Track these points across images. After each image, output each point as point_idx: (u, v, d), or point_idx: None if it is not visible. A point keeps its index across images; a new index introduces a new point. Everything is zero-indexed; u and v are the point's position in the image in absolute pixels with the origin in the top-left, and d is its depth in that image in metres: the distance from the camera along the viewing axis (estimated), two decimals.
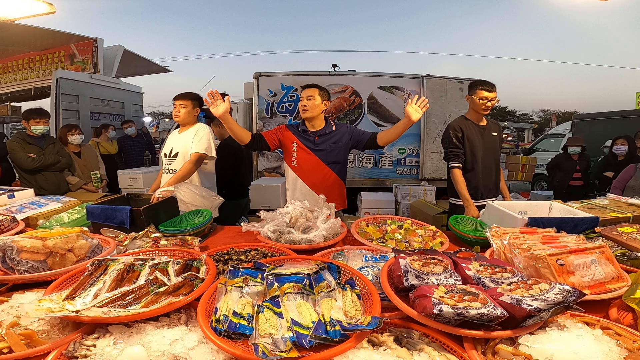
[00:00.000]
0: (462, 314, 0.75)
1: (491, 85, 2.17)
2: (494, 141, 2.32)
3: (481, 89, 2.16)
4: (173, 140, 2.47)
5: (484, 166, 2.25)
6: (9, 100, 6.58)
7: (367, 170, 4.84)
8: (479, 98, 2.16)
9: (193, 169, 2.27)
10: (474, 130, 2.25)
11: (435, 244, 1.48)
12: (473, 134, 2.24)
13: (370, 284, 0.96)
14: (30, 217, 1.74)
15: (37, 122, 3.07)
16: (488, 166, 2.28)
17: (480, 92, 2.16)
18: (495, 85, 2.19)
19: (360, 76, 4.81)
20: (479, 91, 2.16)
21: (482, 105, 2.16)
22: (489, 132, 2.30)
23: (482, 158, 2.25)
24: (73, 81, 5.09)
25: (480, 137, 2.26)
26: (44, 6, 2.91)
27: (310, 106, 2.03)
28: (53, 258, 1.13)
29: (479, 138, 2.25)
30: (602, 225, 1.49)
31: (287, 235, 1.46)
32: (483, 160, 2.25)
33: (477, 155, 2.23)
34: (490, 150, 2.29)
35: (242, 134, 2.04)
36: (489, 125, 2.32)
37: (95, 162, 3.77)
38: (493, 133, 2.32)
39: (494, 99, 2.17)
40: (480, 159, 2.24)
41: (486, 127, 2.30)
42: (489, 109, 2.19)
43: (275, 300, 0.86)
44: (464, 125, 2.24)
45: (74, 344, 0.76)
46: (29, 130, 3.08)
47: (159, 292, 0.91)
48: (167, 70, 8.02)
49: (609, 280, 1.04)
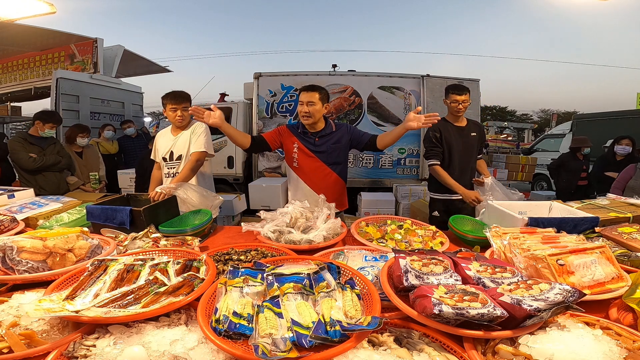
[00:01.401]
0: (462, 314, 0.75)
1: (461, 89, 2.35)
2: (472, 140, 2.47)
3: (453, 92, 2.35)
4: (168, 143, 2.35)
5: (460, 163, 2.42)
6: (9, 100, 6.58)
7: (367, 170, 4.85)
8: (450, 101, 2.37)
9: (195, 169, 2.22)
10: (452, 131, 2.41)
11: (435, 244, 1.48)
12: (450, 134, 2.40)
13: (370, 284, 0.96)
14: (30, 217, 1.74)
15: (52, 127, 3.14)
16: (464, 163, 2.44)
17: (452, 96, 2.35)
18: (466, 89, 2.36)
19: (360, 76, 4.82)
20: (451, 95, 2.35)
21: (454, 107, 2.36)
22: (467, 132, 2.46)
23: (459, 156, 2.41)
24: (73, 81, 5.10)
25: (459, 136, 2.42)
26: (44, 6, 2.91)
27: (312, 112, 2.01)
28: (53, 258, 1.13)
29: (456, 138, 2.41)
30: (602, 225, 1.49)
31: (287, 236, 1.46)
32: (460, 158, 2.41)
33: (453, 154, 2.40)
34: (468, 149, 2.45)
35: (241, 139, 2.03)
36: (468, 126, 2.48)
37: (97, 163, 3.77)
38: (472, 133, 2.48)
39: (465, 101, 2.34)
40: (457, 157, 2.40)
41: (465, 128, 2.46)
42: (461, 111, 2.37)
43: (275, 300, 0.86)
44: (442, 127, 2.40)
45: (74, 344, 0.76)
46: (38, 131, 3.10)
47: (159, 292, 0.91)
48: (167, 70, 8.02)
49: (609, 280, 1.04)
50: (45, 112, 3.28)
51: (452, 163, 2.40)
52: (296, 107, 4.74)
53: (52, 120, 3.15)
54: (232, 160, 4.98)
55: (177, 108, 2.25)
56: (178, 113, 2.26)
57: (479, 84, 4.89)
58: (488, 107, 29.35)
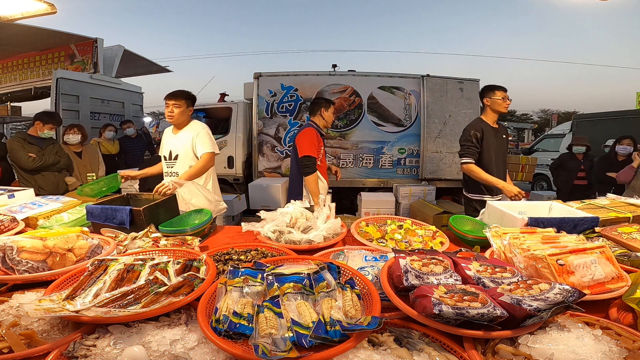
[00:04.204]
0: (462, 314, 0.75)
1: (503, 87, 2.33)
2: (504, 143, 2.48)
3: (499, 90, 2.29)
4: (169, 142, 2.39)
5: (497, 166, 2.38)
6: (9, 100, 6.58)
7: (367, 170, 4.84)
8: (498, 99, 2.29)
9: (207, 167, 2.24)
10: (491, 132, 2.37)
11: (435, 244, 1.48)
12: (490, 135, 2.36)
13: (370, 284, 0.96)
14: (30, 217, 1.74)
15: (51, 128, 3.15)
16: (501, 166, 2.42)
17: (500, 93, 2.28)
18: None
19: (360, 76, 4.81)
20: (498, 92, 2.29)
21: (502, 105, 2.30)
22: (500, 134, 2.43)
23: (496, 157, 2.37)
24: (73, 81, 5.09)
25: (494, 138, 2.38)
26: (44, 6, 2.91)
27: None
28: (53, 258, 1.13)
29: (494, 140, 2.37)
30: (602, 225, 1.49)
31: (287, 235, 1.46)
32: (496, 161, 2.38)
33: (492, 156, 2.35)
34: (502, 152, 2.46)
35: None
36: (500, 128, 2.45)
37: (96, 163, 3.76)
38: (503, 135, 2.46)
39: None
40: (494, 159, 2.36)
41: (499, 130, 2.43)
42: (507, 109, 2.33)
43: (275, 300, 0.86)
44: (483, 127, 2.35)
45: (74, 344, 0.76)
46: (37, 131, 3.10)
47: (159, 292, 0.91)
48: (167, 70, 8.02)
49: (609, 280, 1.04)
50: (46, 113, 3.29)
51: (491, 164, 2.34)
52: (296, 107, 4.79)
53: (53, 121, 3.16)
54: (232, 160, 4.98)
55: (169, 104, 2.27)
56: (168, 109, 2.28)
57: (479, 84, 4.88)
58: None
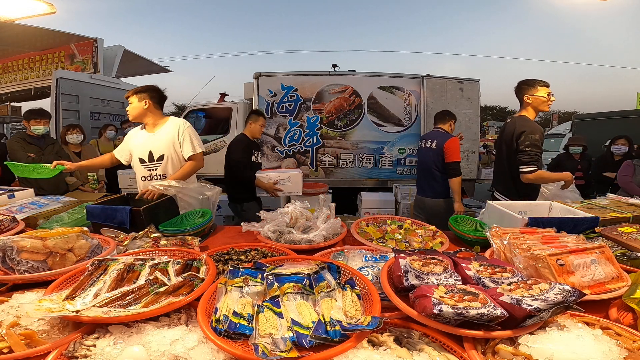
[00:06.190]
0: (462, 314, 0.75)
1: (547, 83, 2.13)
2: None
3: (541, 85, 2.10)
4: (145, 142, 2.14)
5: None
6: (9, 100, 6.58)
7: (367, 170, 4.84)
8: (543, 95, 2.09)
9: (197, 169, 2.15)
10: None
11: (435, 244, 1.48)
12: None
13: (370, 284, 0.96)
14: (30, 217, 1.73)
15: (38, 122, 3.07)
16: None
17: (543, 89, 2.09)
18: None
19: (360, 76, 4.81)
20: (541, 88, 2.10)
21: (546, 101, 2.10)
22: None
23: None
24: (73, 81, 5.10)
25: None
26: (44, 6, 2.91)
27: None
28: (53, 258, 1.13)
29: None
30: (602, 225, 1.49)
31: (287, 235, 1.46)
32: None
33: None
34: None
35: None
36: None
37: None
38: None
39: None
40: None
41: None
42: (550, 105, 2.16)
43: (275, 300, 0.86)
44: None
45: (74, 344, 0.76)
46: (29, 130, 3.08)
47: (159, 292, 0.91)
48: (167, 70, 8.03)
49: (609, 280, 1.04)
50: (29, 111, 3.19)
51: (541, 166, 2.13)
52: (296, 107, 4.79)
53: (39, 115, 3.08)
54: None
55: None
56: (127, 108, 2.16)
57: (479, 84, 4.89)
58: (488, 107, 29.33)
